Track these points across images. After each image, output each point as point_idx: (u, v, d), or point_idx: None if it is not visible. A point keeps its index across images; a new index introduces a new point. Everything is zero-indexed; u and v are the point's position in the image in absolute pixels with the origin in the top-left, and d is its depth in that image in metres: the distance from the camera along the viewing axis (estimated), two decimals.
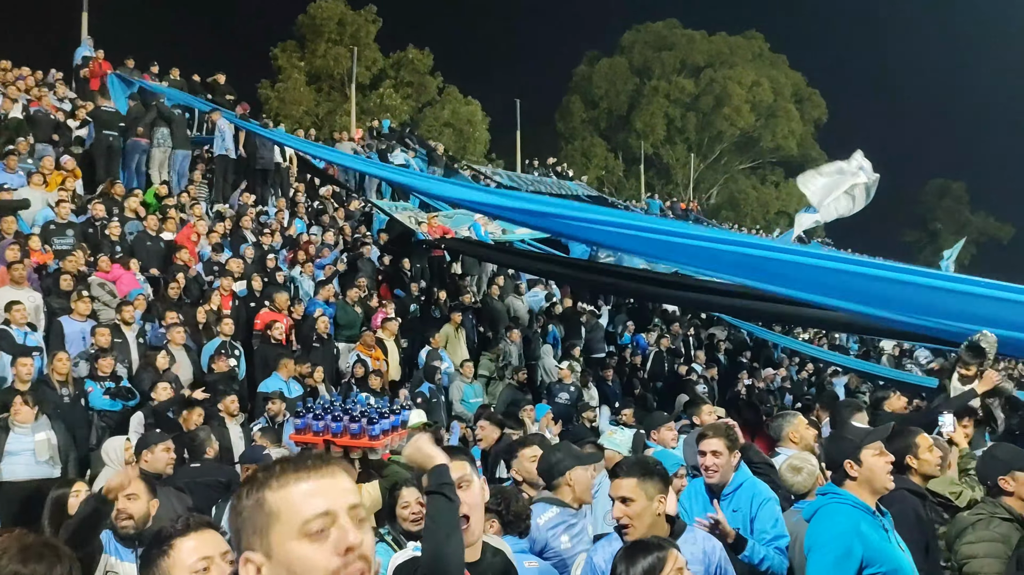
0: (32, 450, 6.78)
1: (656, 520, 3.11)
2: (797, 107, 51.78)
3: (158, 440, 5.55)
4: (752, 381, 15.08)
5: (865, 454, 3.32)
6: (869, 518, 3.27)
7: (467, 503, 2.50)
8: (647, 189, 46.91)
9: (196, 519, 2.34)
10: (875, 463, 3.31)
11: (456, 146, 37.13)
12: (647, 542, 2.60)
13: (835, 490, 3.38)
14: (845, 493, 3.33)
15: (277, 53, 37.95)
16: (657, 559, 2.47)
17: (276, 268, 12.06)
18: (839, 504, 3.31)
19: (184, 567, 2.16)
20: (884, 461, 3.32)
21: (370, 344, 11.01)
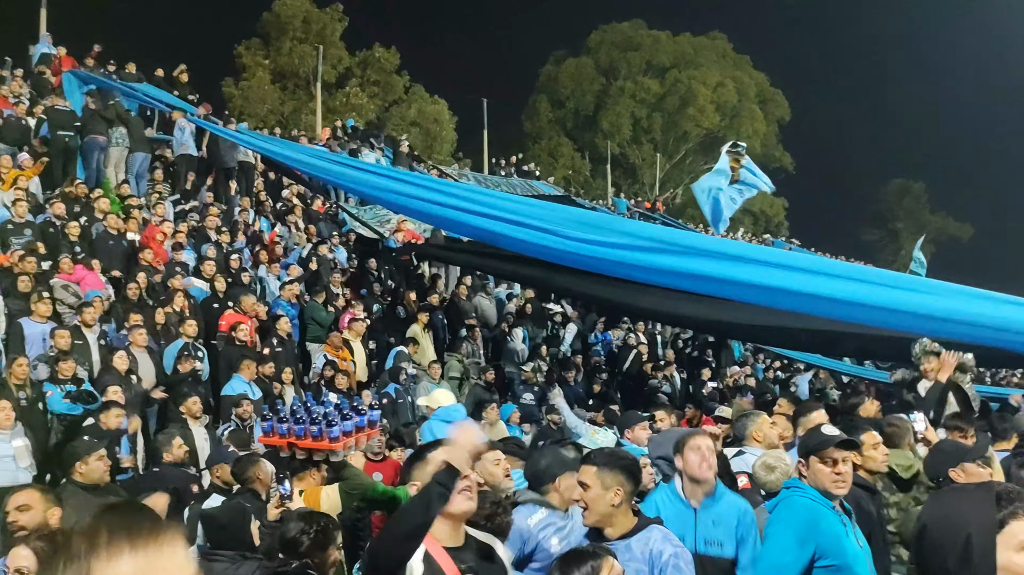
0: (12, 456, 6.68)
1: (612, 511, 3.14)
2: (760, 107, 52.37)
3: (90, 450, 5.40)
4: (717, 380, 15.23)
5: (812, 460, 3.43)
6: (828, 512, 3.35)
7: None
8: (613, 189, 47.16)
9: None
10: (818, 470, 3.41)
11: (423, 145, 37.01)
12: (583, 551, 2.60)
13: (798, 484, 3.49)
14: (806, 486, 3.43)
15: (241, 51, 37.58)
16: (591, 568, 2.45)
17: (241, 268, 11.95)
18: (799, 497, 3.41)
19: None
20: (829, 470, 3.38)
21: (337, 345, 10.95)
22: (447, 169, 28.45)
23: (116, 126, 13.67)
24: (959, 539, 1.73)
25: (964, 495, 1.86)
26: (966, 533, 1.73)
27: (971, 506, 1.77)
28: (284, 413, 4.19)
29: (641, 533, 3.16)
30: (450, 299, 14.72)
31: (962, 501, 1.82)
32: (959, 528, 1.74)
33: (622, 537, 3.13)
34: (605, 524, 3.18)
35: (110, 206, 11.82)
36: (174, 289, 10.32)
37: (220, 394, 9.30)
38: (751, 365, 17.88)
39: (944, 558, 1.75)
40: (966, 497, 1.83)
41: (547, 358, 13.66)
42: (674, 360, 15.90)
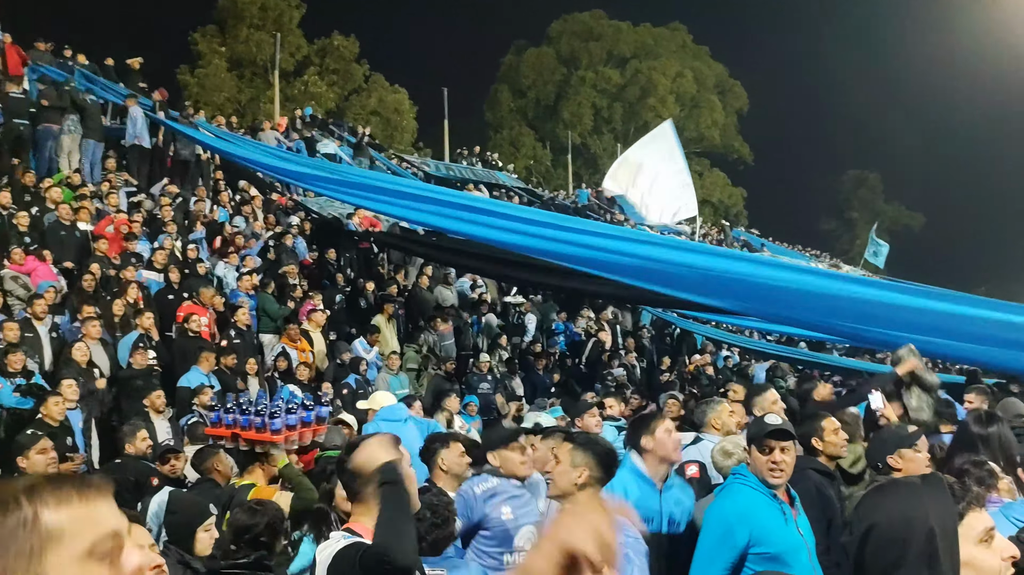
0: None
1: (573, 489, 3.23)
2: (720, 98, 52.87)
3: (30, 443, 5.32)
4: (677, 368, 15.40)
5: (752, 448, 3.49)
6: (766, 500, 3.37)
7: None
8: (575, 179, 47.29)
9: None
10: (757, 458, 3.45)
11: (383, 135, 36.74)
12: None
13: (743, 471, 3.52)
14: (751, 475, 3.46)
15: (197, 38, 36.91)
16: None
17: (197, 259, 11.78)
18: (740, 485, 3.44)
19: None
20: (765, 459, 3.41)
21: (294, 337, 10.85)
22: (408, 158, 28.31)
23: (70, 113, 13.38)
24: (920, 537, 1.65)
25: (917, 489, 1.77)
26: (927, 528, 1.66)
27: (931, 501, 1.70)
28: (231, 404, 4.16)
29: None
30: (411, 289, 14.67)
31: (918, 496, 1.74)
32: (921, 524, 1.66)
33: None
34: (568, 501, 3.25)
35: (62, 196, 11.57)
36: (127, 281, 10.13)
37: (176, 386, 9.16)
38: (710, 354, 18.09)
39: (901, 555, 1.67)
40: (920, 491, 1.75)
41: (507, 348, 13.68)
42: (633, 349, 16.03)
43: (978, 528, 1.71)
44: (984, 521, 1.72)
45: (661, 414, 4.28)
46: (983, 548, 1.69)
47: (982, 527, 1.71)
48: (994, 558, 1.69)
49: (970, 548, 1.68)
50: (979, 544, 1.69)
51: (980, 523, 1.72)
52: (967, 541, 1.68)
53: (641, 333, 17.50)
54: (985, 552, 1.69)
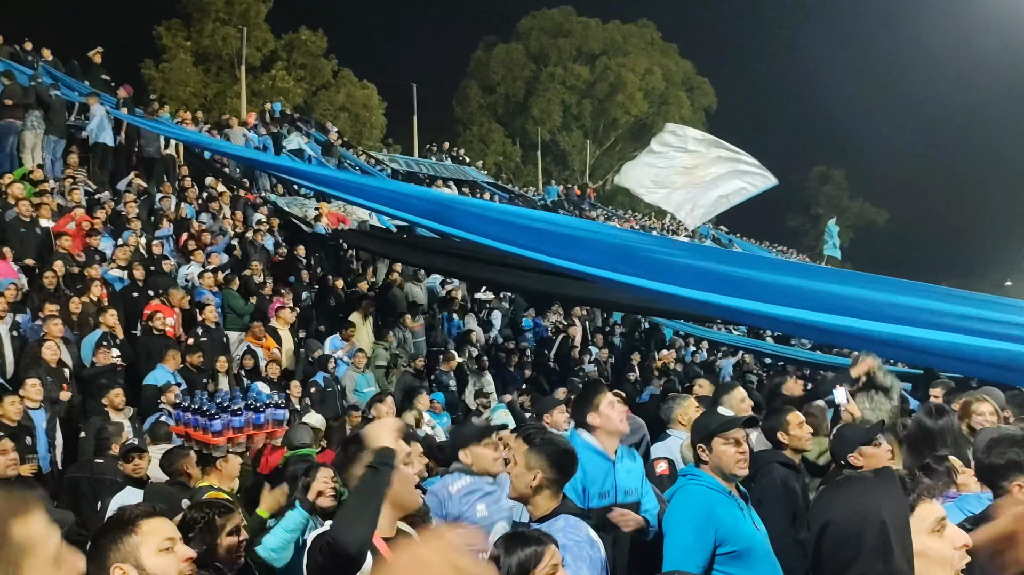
0: None
1: (528, 492, 3.17)
2: (688, 95, 53.22)
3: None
4: (646, 364, 15.48)
5: (716, 442, 3.37)
6: (724, 498, 3.33)
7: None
8: (544, 175, 47.36)
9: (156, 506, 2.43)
10: (723, 451, 3.36)
11: (352, 131, 36.51)
12: (527, 535, 2.60)
13: (694, 471, 3.46)
14: (703, 474, 3.40)
15: (161, 32, 36.37)
16: (534, 553, 2.46)
17: (163, 256, 11.63)
18: (695, 486, 3.38)
19: (152, 545, 2.22)
20: (734, 450, 3.35)
21: (259, 334, 10.75)
22: (377, 155, 28.17)
23: (34, 109, 13.14)
24: (874, 530, 1.70)
25: (870, 485, 1.82)
26: (880, 520, 1.71)
27: (883, 495, 1.75)
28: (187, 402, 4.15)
29: (550, 521, 3.14)
30: (382, 286, 14.60)
31: (871, 492, 1.79)
32: (874, 518, 1.71)
33: (538, 521, 3.14)
34: (523, 502, 3.23)
35: (23, 192, 11.36)
36: (90, 278, 9.98)
37: (142, 384, 9.04)
38: (678, 349, 18.22)
39: (856, 549, 1.72)
40: (872, 487, 1.81)
41: (476, 344, 13.68)
42: (603, 345, 16.10)
43: (929, 519, 1.74)
44: (935, 511, 1.76)
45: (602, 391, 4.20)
46: (935, 538, 1.73)
47: (933, 518, 1.74)
48: (946, 547, 1.72)
49: (923, 538, 1.71)
50: (931, 534, 1.72)
51: (931, 514, 1.75)
52: (919, 532, 1.71)
53: (613, 329, 17.60)
54: (938, 542, 1.72)
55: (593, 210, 34.72)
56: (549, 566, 2.46)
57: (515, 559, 2.45)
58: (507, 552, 2.48)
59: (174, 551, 2.24)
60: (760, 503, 3.94)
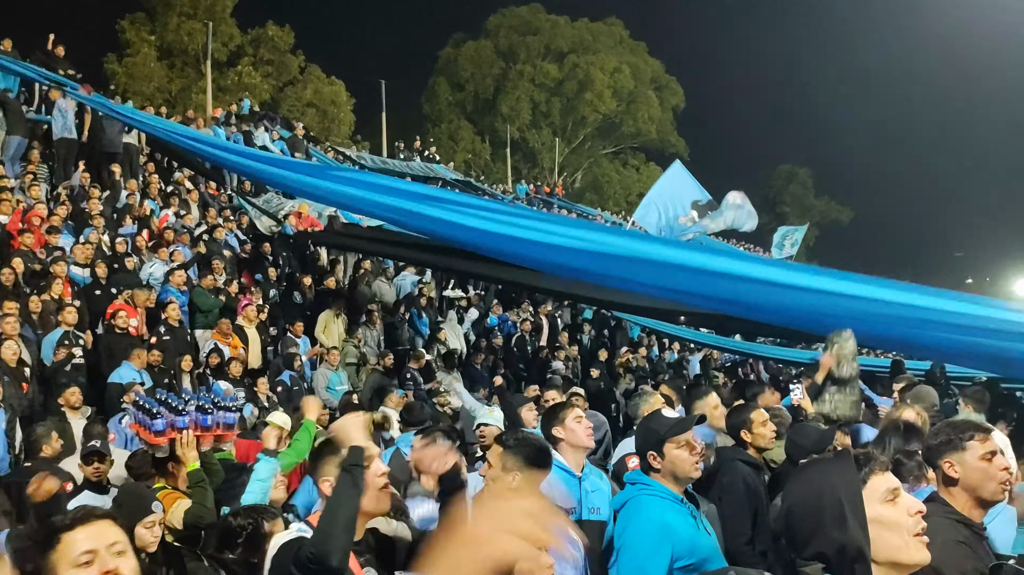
0: None
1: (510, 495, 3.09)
2: (656, 94, 53.51)
3: None
4: (612, 360, 15.57)
5: (668, 447, 3.23)
6: (678, 507, 3.21)
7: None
8: (514, 173, 47.38)
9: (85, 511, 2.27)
10: (677, 455, 3.23)
11: (320, 127, 36.22)
12: None
13: (643, 479, 3.31)
14: (653, 483, 3.26)
15: (125, 25, 35.76)
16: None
17: (126, 254, 11.46)
18: (647, 496, 3.23)
19: (68, 562, 2.09)
20: (688, 453, 3.24)
21: (226, 332, 10.65)
22: (345, 151, 27.99)
23: None
24: (832, 504, 1.85)
25: (826, 465, 2.00)
26: (836, 496, 1.86)
27: (837, 473, 1.91)
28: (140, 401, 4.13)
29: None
30: (350, 283, 14.54)
31: (827, 472, 1.95)
32: (830, 494, 1.86)
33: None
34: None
35: None
36: (53, 275, 9.81)
37: (107, 382, 8.91)
38: (646, 346, 18.34)
39: (815, 526, 1.87)
40: (828, 467, 1.98)
41: (446, 343, 13.66)
42: (570, 342, 16.15)
43: (881, 489, 1.90)
44: (887, 482, 1.91)
45: (568, 404, 4.22)
46: (888, 506, 1.88)
47: (885, 487, 1.90)
48: (899, 513, 1.88)
49: (876, 507, 1.87)
50: (884, 503, 1.88)
51: (883, 484, 1.91)
52: (872, 501, 1.87)
53: (581, 327, 17.66)
54: (891, 509, 1.88)
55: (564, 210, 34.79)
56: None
57: None
58: None
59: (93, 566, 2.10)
60: (721, 501, 3.96)
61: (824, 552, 1.84)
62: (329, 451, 2.70)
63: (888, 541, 1.85)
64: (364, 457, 2.54)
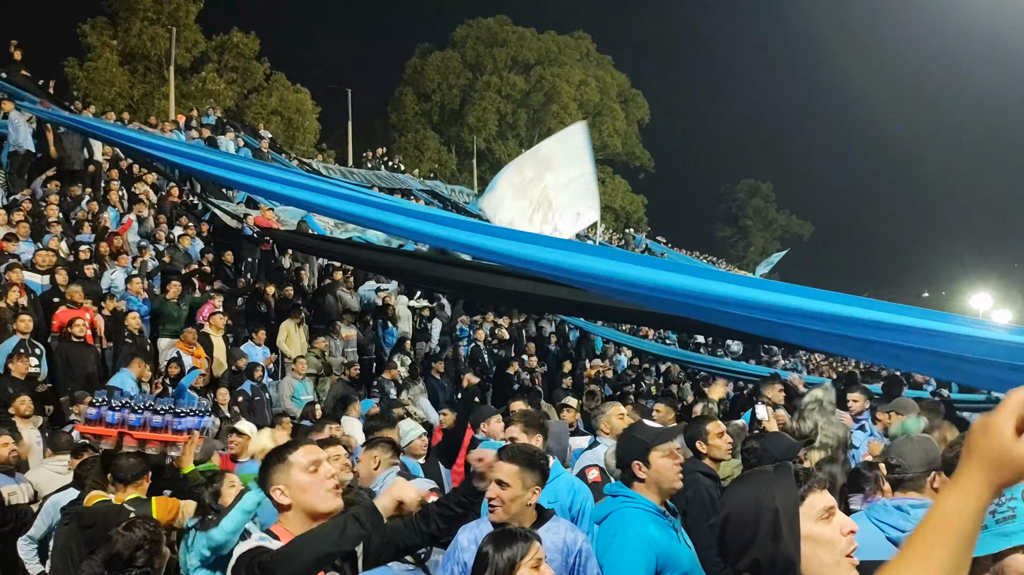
0: None
1: (525, 509, 3.15)
2: (622, 107, 54.00)
3: None
4: (576, 373, 15.63)
5: (654, 456, 3.24)
6: (659, 519, 3.21)
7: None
8: (480, 183, 47.41)
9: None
10: (663, 465, 3.23)
11: (285, 135, 36.00)
12: (514, 531, 2.75)
13: (625, 492, 3.29)
14: (636, 495, 3.25)
15: (86, 30, 35.25)
16: (521, 549, 2.63)
17: (86, 261, 11.27)
18: (632, 510, 3.22)
19: None
20: (673, 463, 3.25)
21: (191, 341, 10.52)
22: (310, 162, 27.82)
23: None
24: (767, 516, 1.87)
25: (766, 477, 1.99)
26: (773, 509, 1.87)
27: (776, 486, 1.93)
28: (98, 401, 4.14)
29: (548, 524, 3.18)
30: (315, 292, 14.43)
31: (766, 482, 1.96)
32: (767, 506, 1.88)
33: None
34: (516, 521, 3.09)
35: None
36: (9, 283, 9.61)
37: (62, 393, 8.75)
38: (611, 358, 18.45)
39: (752, 536, 1.88)
40: (768, 479, 1.98)
41: (411, 353, 13.62)
42: (534, 353, 16.19)
43: (818, 507, 1.91)
44: (824, 501, 1.93)
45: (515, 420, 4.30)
46: (823, 524, 1.89)
47: (821, 506, 1.91)
48: (833, 532, 1.89)
49: (810, 524, 1.88)
50: (819, 521, 1.89)
51: (820, 503, 1.92)
52: (807, 518, 1.88)
53: (549, 339, 17.70)
54: (824, 527, 1.89)
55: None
56: (534, 560, 2.63)
57: (505, 555, 2.62)
58: (496, 548, 2.65)
59: None
60: (686, 514, 3.99)
61: (757, 562, 1.86)
62: (277, 460, 2.67)
63: (820, 559, 1.85)
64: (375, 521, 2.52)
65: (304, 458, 2.64)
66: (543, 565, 2.66)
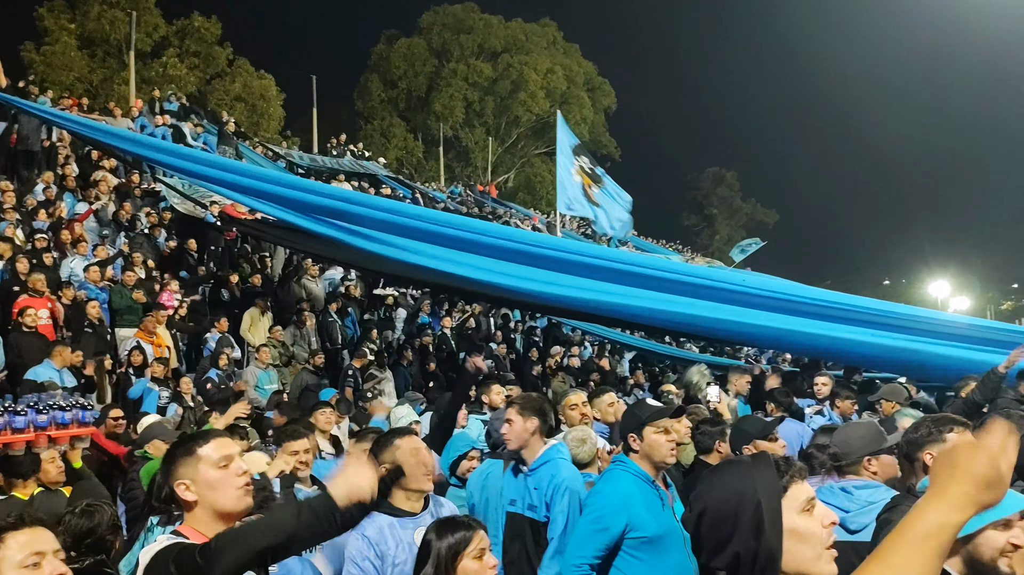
0: None
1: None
2: (589, 95, 54.00)
3: None
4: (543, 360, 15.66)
5: (647, 430, 3.52)
6: (647, 487, 3.49)
7: None
8: (447, 171, 47.26)
9: (28, 515, 2.21)
10: (655, 440, 3.51)
11: (249, 122, 35.51)
12: (458, 520, 2.74)
13: (622, 458, 3.62)
14: (629, 462, 3.55)
15: (43, 13, 34.40)
16: (463, 537, 2.62)
17: (44, 249, 11.05)
18: (620, 471, 3.55)
19: (13, 562, 2.05)
20: (665, 439, 3.51)
21: (151, 330, 10.38)
22: (276, 148, 27.49)
23: None
24: (749, 509, 1.80)
25: (746, 467, 1.91)
26: (755, 501, 1.80)
27: (757, 476, 1.86)
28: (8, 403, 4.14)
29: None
30: (279, 281, 14.29)
31: (746, 473, 1.88)
32: (748, 498, 1.81)
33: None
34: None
35: None
36: None
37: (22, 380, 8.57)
38: (578, 345, 18.49)
39: (732, 530, 1.81)
40: (748, 469, 1.90)
41: (377, 342, 13.55)
42: (502, 340, 16.20)
43: (800, 498, 1.85)
44: (805, 492, 1.87)
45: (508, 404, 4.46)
46: (805, 516, 1.83)
47: (804, 497, 1.85)
48: (815, 524, 1.83)
49: (793, 517, 1.82)
50: (801, 513, 1.83)
51: (802, 494, 1.86)
52: (790, 511, 1.82)
53: (516, 327, 17.71)
54: (807, 520, 1.83)
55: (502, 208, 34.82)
56: (477, 550, 2.62)
57: (446, 542, 2.62)
58: (438, 536, 2.65)
59: (42, 567, 2.08)
60: None
61: (737, 557, 1.80)
62: (183, 452, 2.45)
63: (802, 553, 1.80)
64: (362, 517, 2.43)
65: (215, 452, 2.44)
66: (487, 555, 2.64)
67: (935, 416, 3.13)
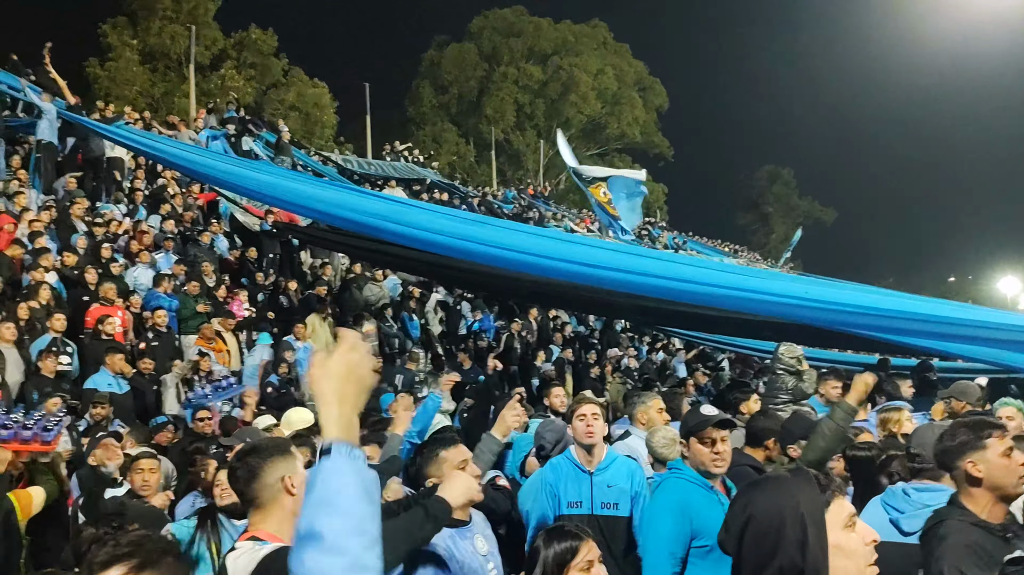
0: None
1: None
2: (640, 95, 53.66)
3: None
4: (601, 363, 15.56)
5: (693, 440, 3.55)
6: (704, 492, 3.46)
7: None
8: (498, 175, 47.40)
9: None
10: (699, 450, 3.52)
11: (303, 130, 36.11)
12: (566, 529, 2.62)
13: (678, 465, 3.63)
14: (685, 468, 3.56)
15: (107, 30, 35.50)
16: (570, 547, 2.52)
17: (111, 259, 11.36)
18: (676, 479, 3.54)
19: None
20: (708, 450, 3.49)
21: (210, 336, 10.59)
22: (330, 155, 27.87)
23: None
24: (792, 523, 1.76)
25: (787, 481, 1.89)
26: (799, 515, 1.76)
27: (799, 492, 1.81)
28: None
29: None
30: (340, 287, 14.46)
31: (788, 487, 1.85)
32: (790, 513, 1.77)
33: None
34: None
35: None
36: (36, 282, 9.71)
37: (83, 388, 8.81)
38: (635, 346, 18.34)
39: (776, 543, 1.77)
40: (789, 484, 1.86)
41: (436, 345, 13.64)
42: (561, 344, 16.15)
43: (842, 515, 1.82)
44: (847, 508, 1.84)
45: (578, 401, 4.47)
46: (848, 532, 1.80)
47: (846, 514, 1.82)
48: (858, 542, 1.81)
49: (837, 533, 1.79)
50: (844, 529, 1.80)
51: (844, 510, 1.83)
52: (834, 527, 1.79)
53: (562, 328, 17.66)
54: (850, 536, 1.80)
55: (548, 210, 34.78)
56: (584, 561, 2.50)
57: (552, 552, 2.51)
58: (546, 545, 2.54)
59: None
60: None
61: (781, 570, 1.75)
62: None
63: (847, 570, 1.76)
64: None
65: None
66: (595, 566, 2.53)
67: (970, 421, 2.90)
